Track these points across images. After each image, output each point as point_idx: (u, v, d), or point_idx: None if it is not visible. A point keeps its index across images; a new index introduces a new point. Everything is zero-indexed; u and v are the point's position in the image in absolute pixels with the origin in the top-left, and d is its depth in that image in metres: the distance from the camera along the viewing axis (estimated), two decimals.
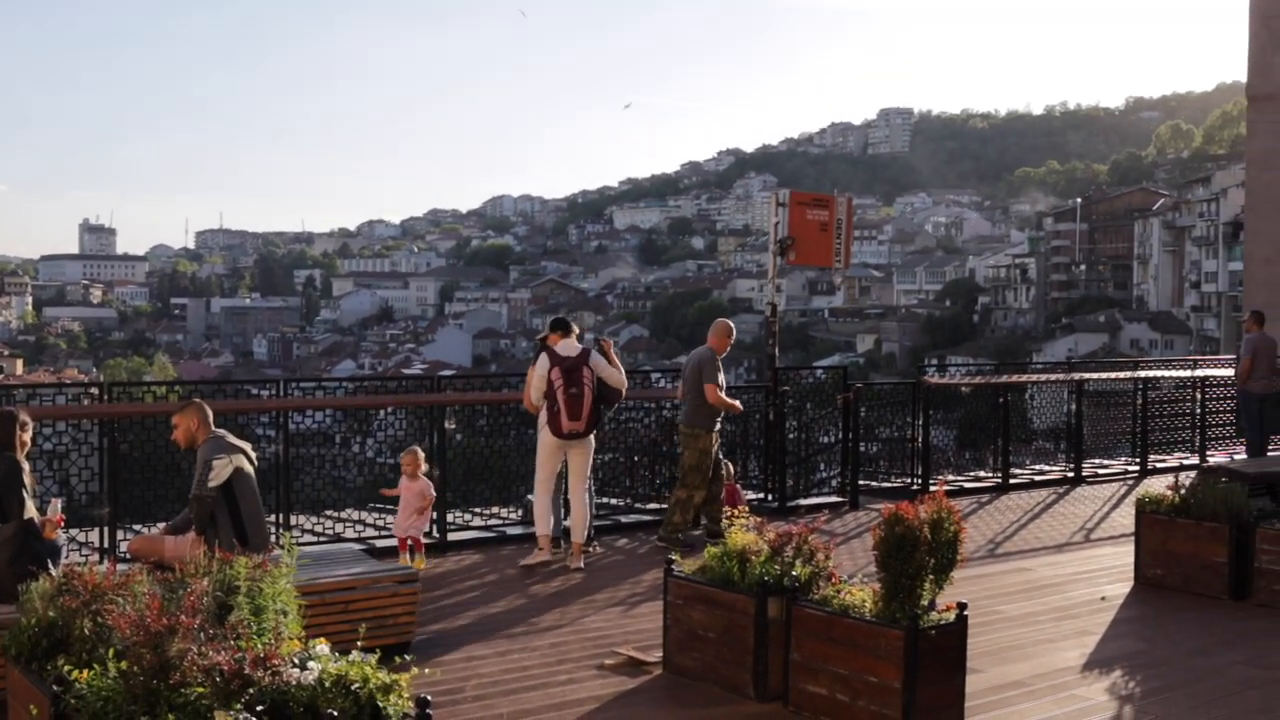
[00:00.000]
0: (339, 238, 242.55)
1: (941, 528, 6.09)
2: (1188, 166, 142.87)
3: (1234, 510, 9.52)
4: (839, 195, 14.90)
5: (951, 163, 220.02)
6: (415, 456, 10.12)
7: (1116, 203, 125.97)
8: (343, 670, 4.49)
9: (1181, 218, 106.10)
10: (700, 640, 7.00)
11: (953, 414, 17.52)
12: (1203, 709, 6.75)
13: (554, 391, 10.12)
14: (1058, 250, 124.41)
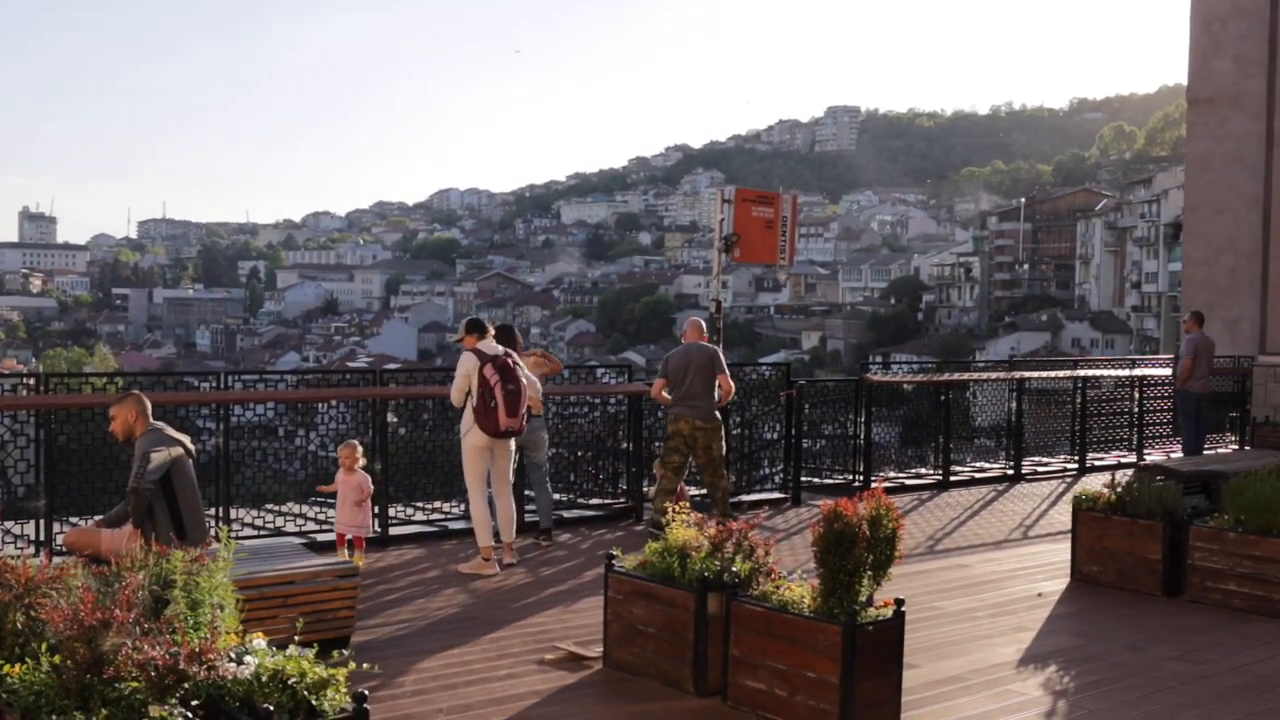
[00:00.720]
0: (284, 229, 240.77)
1: (880, 524, 6.13)
2: (1130, 168, 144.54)
3: (1169, 508, 9.66)
4: (784, 192, 14.92)
5: (898, 161, 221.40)
6: (353, 450, 10.08)
7: (1059, 203, 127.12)
8: (280, 665, 4.46)
9: (1123, 218, 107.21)
10: (640, 635, 7.02)
11: (896, 411, 17.65)
12: (1135, 704, 6.83)
13: (490, 389, 9.98)
14: (1001, 249, 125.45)
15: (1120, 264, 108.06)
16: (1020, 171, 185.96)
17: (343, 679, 4.48)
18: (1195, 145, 22.23)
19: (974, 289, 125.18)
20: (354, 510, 10.01)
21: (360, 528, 10.10)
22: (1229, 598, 9.19)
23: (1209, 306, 21.21)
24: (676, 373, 11.32)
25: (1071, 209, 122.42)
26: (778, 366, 15.45)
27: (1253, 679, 7.37)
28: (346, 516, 10.04)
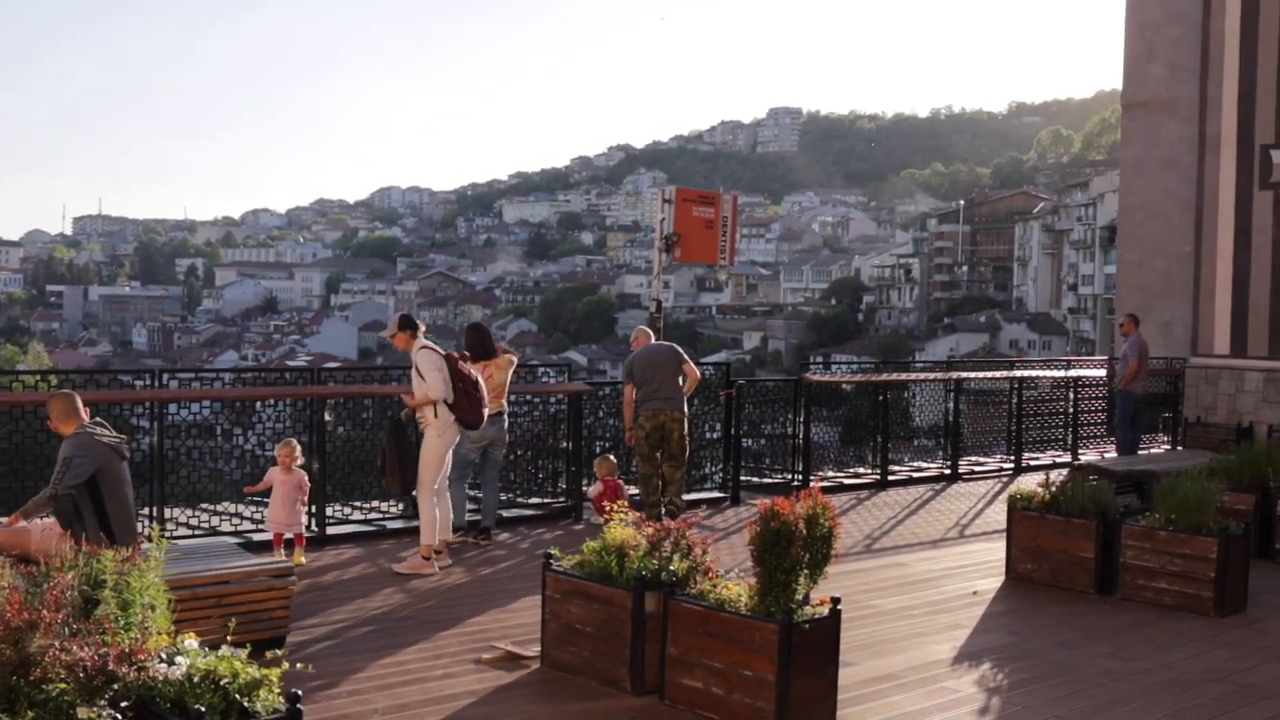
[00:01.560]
0: (222, 226, 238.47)
1: (817, 523, 6.17)
2: (1067, 171, 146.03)
3: (1101, 507, 9.79)
4: (725, 193, 14.99)
5: (839, 163, 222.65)
6: (292, 449, 10.03)
7: (998, 205, 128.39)
8: (212, 665, 4.42)
9: (1060, 221, 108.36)
10: (578, 635, 7.02)
11: (837, 411, 17.73)
12: (1066, 700, 6.91)
13: (471, 381, 10.09)
14: (941, 251, 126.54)
15: (1057, 266, 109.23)
16: (959, 174, 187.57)
17: (276, 679, 4.44)
18: (1130, 150, 22.54)
19: (914, 290, 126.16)
20: (290, 509, 9.96)
21: (293, 526, 10.05)
22: (1160, 595, 9.31)
23: (1143, 309, 21.51)
24: (643, 372, 11.74)
25: (1010, 211, 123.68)
26: (718, 366, 15.50)
27: (1181, 675, 7.48)
28: (281, 515, 9.98)
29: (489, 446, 11.26)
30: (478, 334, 11.56)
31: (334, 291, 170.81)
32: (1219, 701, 6.96)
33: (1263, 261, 18.54)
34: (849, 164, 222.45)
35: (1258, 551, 10.92)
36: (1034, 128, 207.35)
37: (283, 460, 10.01)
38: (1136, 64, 22.13)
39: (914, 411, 18.12)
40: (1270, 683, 7.36)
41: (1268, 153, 18.57)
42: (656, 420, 11.69)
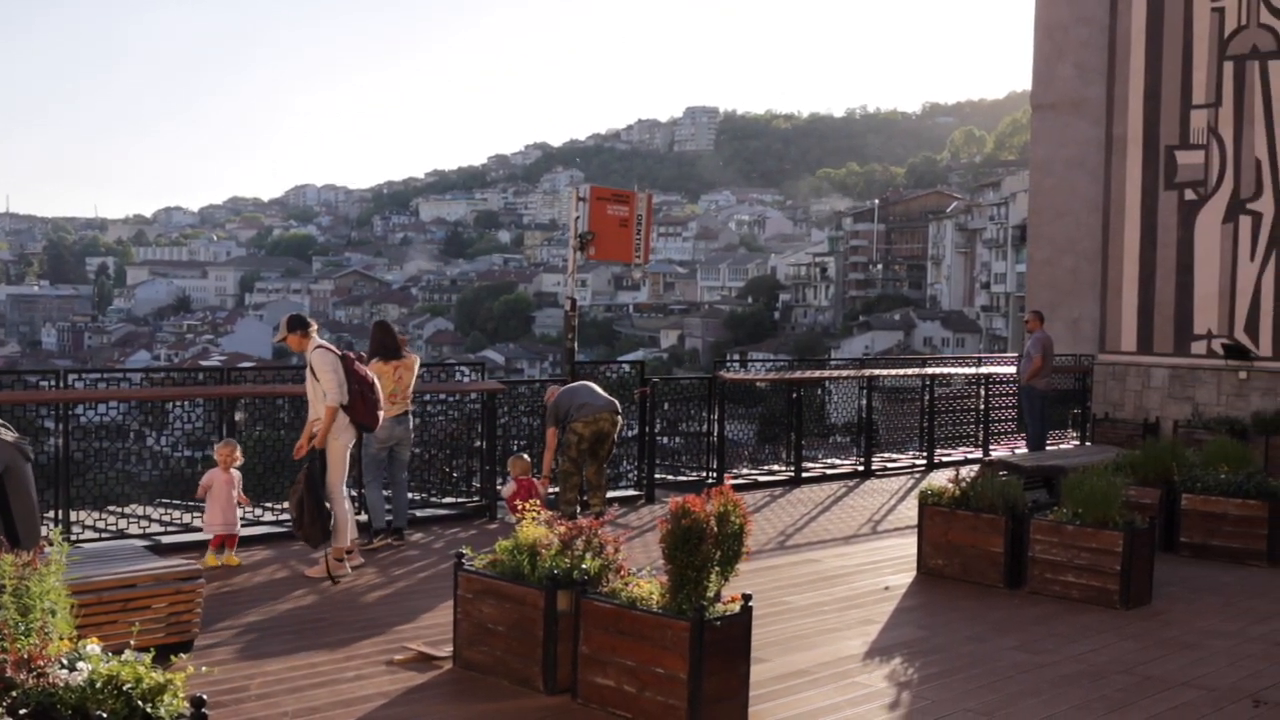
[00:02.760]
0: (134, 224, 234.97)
1: (727, 521, 6.19)
2: (980, 171, 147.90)
3: (1010, 502, 9.92)
4: (639, 191, 15.00)
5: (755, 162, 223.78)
6: (232, 449, 9.98)
7: (912, 205, 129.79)
8: (114, 671, 4.34)
9: (973, 220, 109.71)
10: (490, 634, 6.98)
11: (754, 409, 17.80)
12: (976, 693, 6.99)
13: (368, 382, 9.98)
14: (856, 250, 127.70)
15: (970, 265, 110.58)
16: (874, 173, 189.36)
17: (181, 684, 4.37)
18: (1039, 150, 22.86)
19: (829, 288, 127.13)
20: (231, 509, 9.87)
21: (231, 526, 9.96)
22: (1067, 589, 9.45)
23: (1052, 306, 21.85)
24: (568, 400, 11.90)
25: (923, 211, 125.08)
26: (634, 365, 15.51)
27: (1088, 667, 7.59)
28: (220, 516, 9.89)
29: (396, 446, 11.15)
30: (386, 333, 11.45)
31: (248, 290, 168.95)
32: (1124, 692, 7.07)
33: (1168, 260, 18.92)
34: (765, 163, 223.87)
35: (1162, 545, 11.15)
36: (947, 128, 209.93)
37: (224, 460, 9.92)
38: (1045, 65, 22.45)
39: (830, 409, 18.25)
40: (1174, 673, 7.50)
41: (1172, 153, 18.95)
42: (596, 426, 11.76)
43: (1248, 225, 18.29)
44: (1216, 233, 18.56)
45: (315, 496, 9.47)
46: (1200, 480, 11.45)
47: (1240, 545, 11.09)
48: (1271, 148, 18.07)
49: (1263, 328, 18.14)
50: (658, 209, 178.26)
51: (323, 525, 9.47)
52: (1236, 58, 18.45)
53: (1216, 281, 18.54)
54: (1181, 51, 18.96)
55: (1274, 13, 18.10)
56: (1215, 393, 18.59)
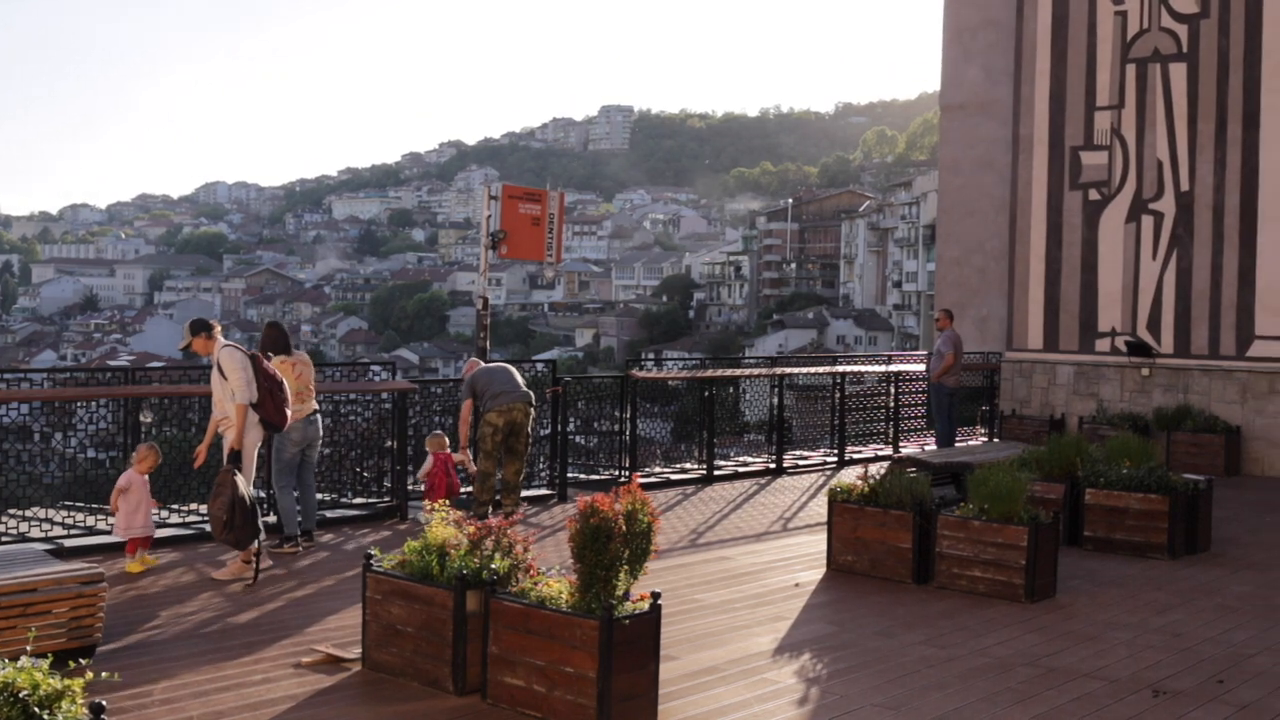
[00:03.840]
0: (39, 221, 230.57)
1: (636, 519, 6.20)
2: (892, 170, 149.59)
3: (918, 498, 10.02)
4: (551, 190, 14.99)
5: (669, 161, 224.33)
6: (155, 451, 9.83)
7: (825, 204, 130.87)
8: (9, 677, 4.26)
9: (885, 219, 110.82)
10: (399, 635, 6.94)
11: (669, 408, 17.86)
12: (883, 688, 7.06)
13: (277, 382, 9.88)
14: (770, 249, 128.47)
15: (882, 263, 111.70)
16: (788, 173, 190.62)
17: (80, 690, 4.30)
18: (947, 150, 23.14)
19: (743, 287, 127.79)
20: (148, 511, 9.78)
21: (148, 528, 9.83)
22: (974, 583, 9.57)
23: (960, 305, 22.13)
24: (486, 381, 12.00)
25: (836, 210, 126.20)
26: (547, 364, 15.49)
27: (994, 660, 7.69)
28: (139, 519, 9.77)
29: (307, 449, 11.03)
30: (277, 330, 11.28)
31: (157, 289, 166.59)
32: (1028, 684, 7.17)
33: (1073, 259, 19.23)
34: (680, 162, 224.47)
35: (1067, 539, 11.35)
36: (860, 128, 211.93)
37: (144, 462, 9.78)
38: (954, 67, 22.74)
39: (744, 407, 18.34)
40: (1076, 665, 7.62)
41: (1077, 154, 19.26)
42: (510, 416, 11.87)
43: (1150, 225, 18.65)
44: (1120, 232, 18.90)
45: (245, 497, 9.37)
46: (1103, 475, 11.65)
47: (1142, 539, 11.30)
48: (1172, 149, 18.45)
49: (1164, 325, 18.51)
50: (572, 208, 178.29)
51: (253, 527, 9.36)
52: (1138, 61, 18.80)
53: (1120, 280, 18.89)
54: (1085, 54, 19.29)
55: (1175, 17, 18.48)
56: (1119, 389, 18.94)
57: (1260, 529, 13.14)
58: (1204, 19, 18.24)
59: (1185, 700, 6.93)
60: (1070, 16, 19.44)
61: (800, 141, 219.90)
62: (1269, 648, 8.16)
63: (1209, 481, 12.05)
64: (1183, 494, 11.38)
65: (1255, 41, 17.80)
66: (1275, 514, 14.20)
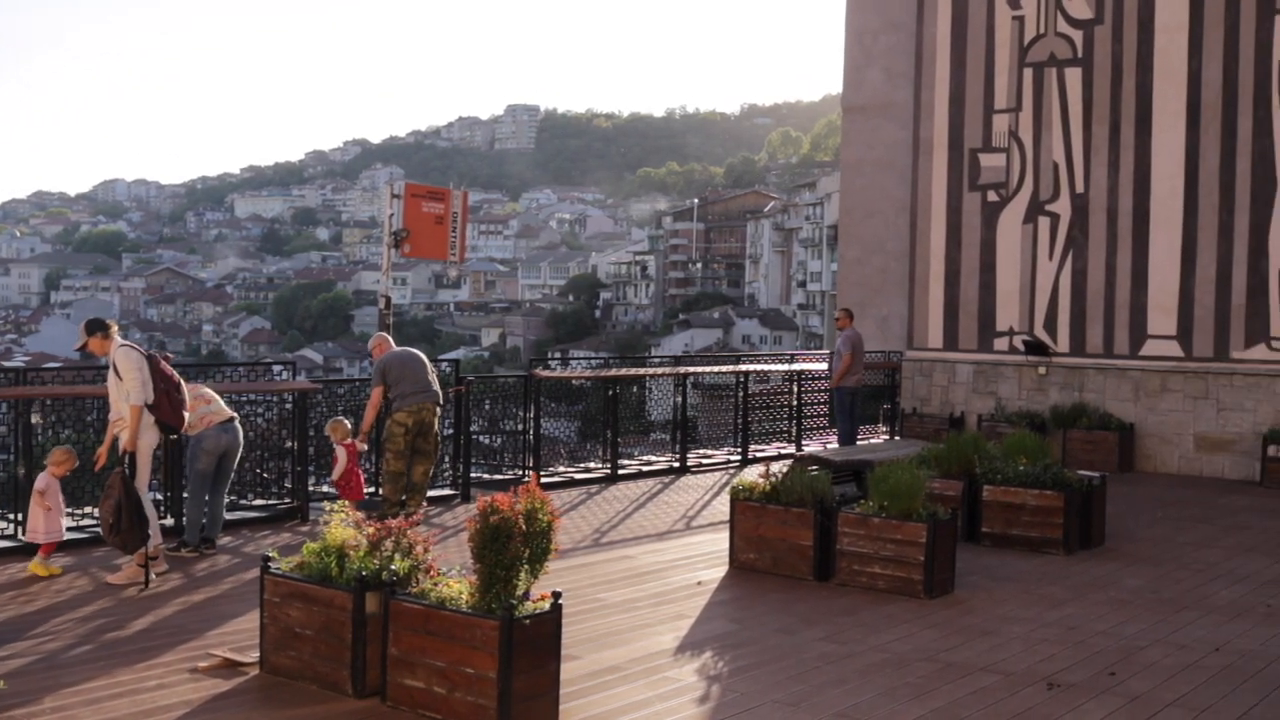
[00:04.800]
0: None
1: (536, 518, 6.19)
2: (796, 171, 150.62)
3: (819, 496, 10.11)
4: (455, 188, 14.93)
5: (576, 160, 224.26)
6: (70, 454, 9.64)
7: (731, 204, 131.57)
8: None
9: (790, 220, 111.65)
10: (298, 638, 6.87)
11: (575, 407, 17.86)
12: (784, 684, 7.11)
13: (174, 382, 9.71)
14: (676, 248, 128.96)
15: (787, 263, 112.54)
16: (694, 173, 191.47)
17: None
18: (849, 151, 23.38)
19: (649, 287, 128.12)
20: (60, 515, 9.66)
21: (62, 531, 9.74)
22: (874, 580, 9.68)
23: (862, 304, 22.37)
24: (399, 371, 11.97)
25: (742, 210, 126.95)
26: (452, 363, 15.41)
27: (893, 656, 7.78)
28: (59, 522, 9.60)
29: (223, 457, 10.83)
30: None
31: (54, 288, 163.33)
32: (926, 679, 7.27)
33: (972, 260, 19.52)
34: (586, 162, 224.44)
35: (965, 535, 11.50)
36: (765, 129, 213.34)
37: (62, 465, 9.61)
38: (855, 69, 22.98)
39: (650, 406, 18.38)
40: (973, 659, 7.73)
41: (976, 156, 19.55)
42: (419, 416, 11.90)
43: (1046, 226, 18.97)
44: (1017, 233, 19.21)
45: (133, 500, 9.19)
46: (1000, 472, 11.83)
47: (1038, 534, 11.50)
48: (1068, 152, 18.78)
49: (1060, 324, 18.85)
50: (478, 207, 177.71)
51: (141, 530, 9.20)
52: (1035, 65, 19.12)
53: (1017, 280, 19.20)
54: (984, 58, 19.58)
55: (1070, 22, 18.81)
56: (1017, 387, 19.25)
57: (1152, 524, 13.43)
58: (1098, 25, 18.60)
59: (1078, 692, 7.06)
60: (969, 21, 19.73)
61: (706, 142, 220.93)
62: (1159, 640, 8.34)
63: (1103, 478, 12.28)
64: (1077, 490, 11.60)
65: (1148, 47, 18.19)
66: (1167, 509, 14.53)
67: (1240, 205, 17.44)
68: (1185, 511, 14.40)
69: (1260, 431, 17.09)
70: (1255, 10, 17.36)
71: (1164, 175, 18.03)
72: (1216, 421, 17.63)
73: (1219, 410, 17.62)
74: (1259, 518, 14.04)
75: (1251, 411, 17.35)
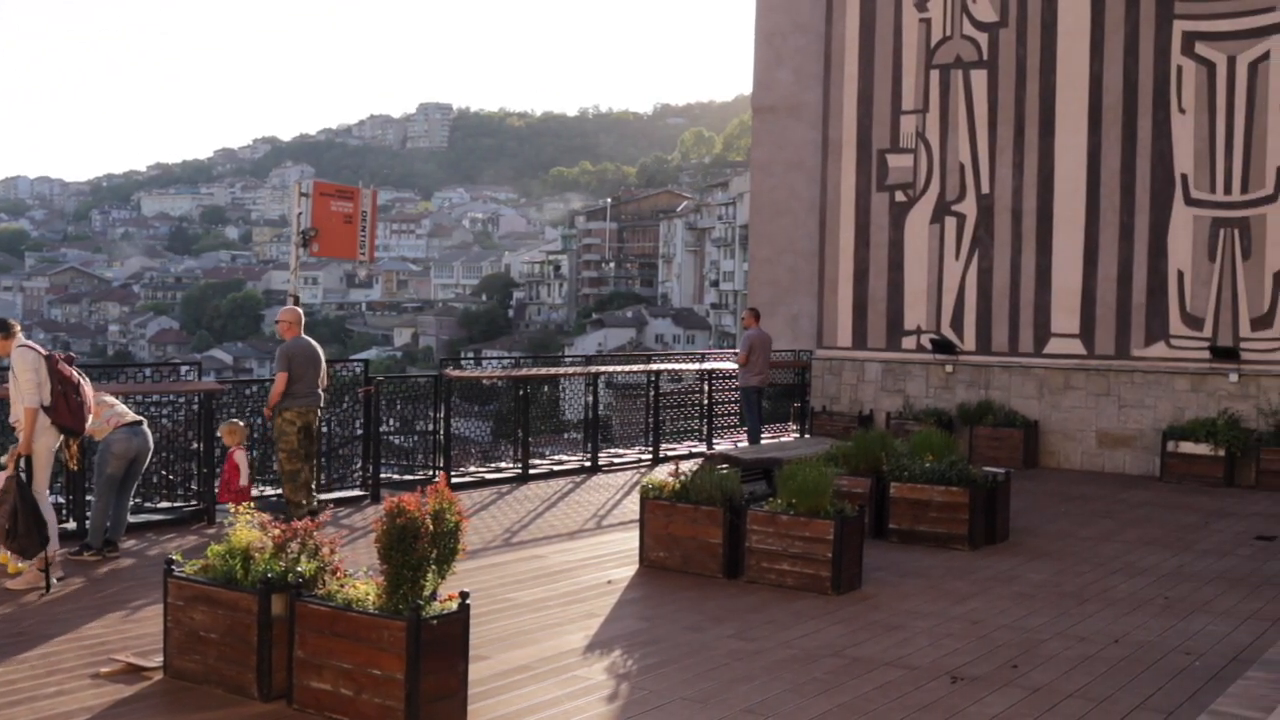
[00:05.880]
0: None
1: (443, 518, 6.18)
2: (709, 171, 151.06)
3: (728, 494, 10.17)
4: (365, 187, 14.83)
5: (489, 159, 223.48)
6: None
7: (644, 204, 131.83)
8: None
9: (702, 220, 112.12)
10: (202, 642, 6.79)
11: (488, 407, 17.79)
12: (692, 682, 7.15)
13: (72, 384, 9.52)
14: (589, 248, 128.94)
15: (700, 263, 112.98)
16: (607, 172, 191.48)
17: None
18: (759, 151, 23.52)
19: (563, 286, 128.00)
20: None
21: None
22: (783, 577, 9.75)
23: (772, 303, 22.52)
24: (301, 366, 11.88)
25: (655, 210, 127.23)
26: (364, 363, 15.30)
27: (800, 652, 7.85)
28: None
29: (133, 461, 10.65)
30: None
31: None
32: (832, 675, 7.34)
33: (880, 259, 19.75)
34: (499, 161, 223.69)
35: (873, 532, 11.63)
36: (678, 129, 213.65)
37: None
38: (765, 70, 23.12)
39: (564, 406, 18.37)
40: (879, 654, 7.83)
41: (884, 157, 19.78)
42: (306, 418, 11.87)
43: (953, 226, 19.24)
44: (925, 233, 19.46)
45: (29, 504, 9.01)
46: (907, 469, 11.97)
47: (944, 530, 11.65)
48: (974, 153, 19.06)
49: (966, 323, 19.12)
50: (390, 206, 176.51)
51: (40, 534, 9.03)
52: (942, 67, 19.38)
53: (925, 279, 19.44)
54: (892, 59, 19.81)
55: (976, 25, 19.09)
56: (924, 385, 19.50)
57: (1055, 518, 13.67)
58: (1003, 28, 18.89)
59: (981, 685, 7.18)
60: (877, 23, 19.95)
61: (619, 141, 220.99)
62: (1060, 633, 8.50)
63: (1008, 474, 12.48)
64: (982, 487, 11.77)
65: (1051, 50, 18.50)
66: (1069, 504, 14.80)
67: (1140, 206, 17.81)
68: (1087, 506, 14.68)
69: (1160, 428, 17.46)
70: (1154, 15, 17.74)
71: (1067, 176, 18.36)
72: (1118, 418, 17.98)
73: (1120, 407, 17.97)
74: (1158, 512, 14.35)
75: (1151, 408, 17.72)
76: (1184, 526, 13.29)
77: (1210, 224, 17.33)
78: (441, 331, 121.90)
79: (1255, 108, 17.09)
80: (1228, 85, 17.28)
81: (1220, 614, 9.18)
